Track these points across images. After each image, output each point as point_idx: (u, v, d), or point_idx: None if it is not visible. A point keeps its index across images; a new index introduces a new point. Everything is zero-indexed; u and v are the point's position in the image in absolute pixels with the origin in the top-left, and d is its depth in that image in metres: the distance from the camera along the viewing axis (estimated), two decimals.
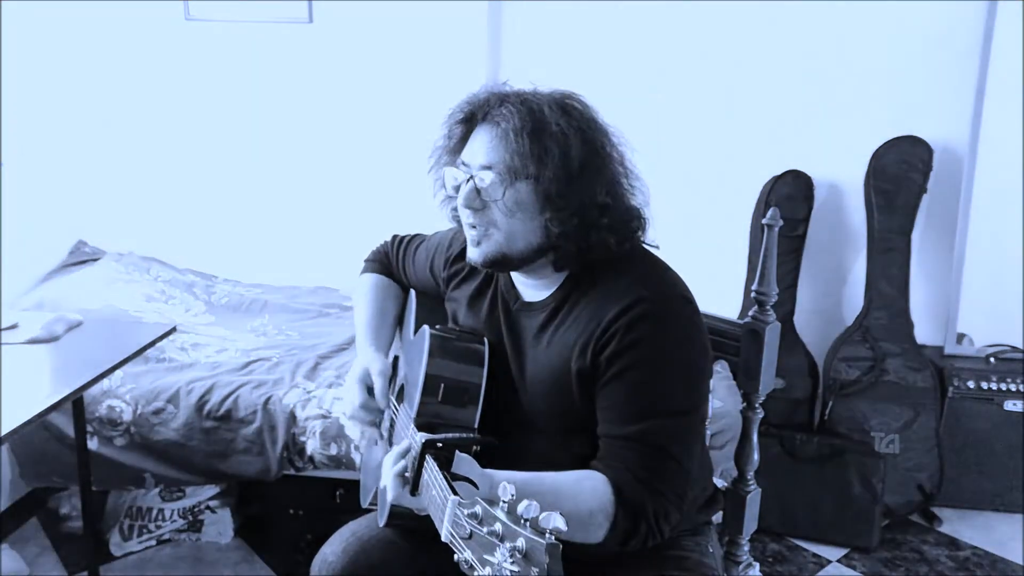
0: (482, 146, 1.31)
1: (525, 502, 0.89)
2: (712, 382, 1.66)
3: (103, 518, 2.61)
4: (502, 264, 1.36)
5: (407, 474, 1.16)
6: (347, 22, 3.08)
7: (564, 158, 1.26)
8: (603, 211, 1.30)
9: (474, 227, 1.34)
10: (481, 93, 1.35)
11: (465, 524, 0.93)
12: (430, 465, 1.10)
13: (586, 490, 1.23)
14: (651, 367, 1.27)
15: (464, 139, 1.35)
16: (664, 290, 1.33)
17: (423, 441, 1.12)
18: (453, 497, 0.97)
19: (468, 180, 1.31)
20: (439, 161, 1.40)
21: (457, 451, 1.13)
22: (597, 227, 1.30)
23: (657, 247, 1.40)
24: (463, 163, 1.34)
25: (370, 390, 1.51)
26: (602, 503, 1.23)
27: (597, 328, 1.29)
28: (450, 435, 1.15)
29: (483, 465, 1.19)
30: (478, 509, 0.93)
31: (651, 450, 1.25)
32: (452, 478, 1.07)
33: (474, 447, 1.22)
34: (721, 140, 2.99)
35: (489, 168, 1.29)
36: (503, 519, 0.90)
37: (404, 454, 1.19)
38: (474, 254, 1.36)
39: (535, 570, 0.86)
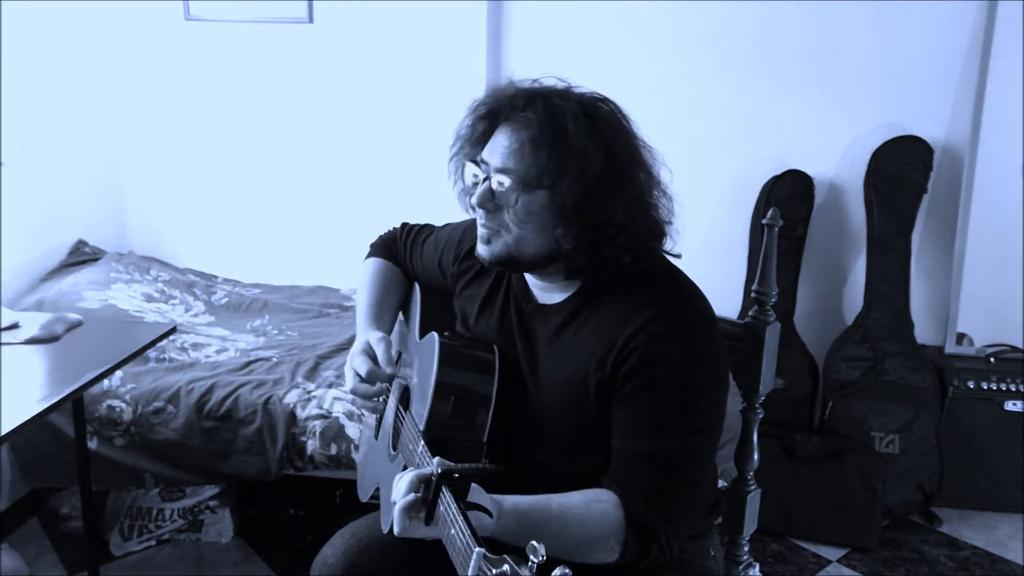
0: (501, 148, 1.26)
1: (558, 570, 0.86)
2: None
3: (103, 518, 2.61)
4: (509, 264, 1.33)
5: (421, 504, 1.10)
6: (347, 22, 3.08)
7: (582, 173, 1.21)
8: (619, 230, 1.25)
9: (485, 226, 1.31)
10: (507, 89, 1.29)
11: None
12: (446, 496, 1.07)
13: (596, 514, 1.20)
14: (670, 385, 1.24)
15: (487, 134, 1.30)
16: (685, 305, 1.30)
17: (439, 472, 1.08)
18: (478, 549, 0.94)
19: (485, 180, 1.28)
20: (461, 151, 1.35)
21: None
22: (612, 245, 1.26)
23: (679, 256, 1.37)
24: (483, 160, 1.30)
25: (374, 361, 1.45)
26: (612, 527, 1.20)
27: (617, 341, 1.25)
28: (467, 466, 1.10)
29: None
30: (507, 568, 0.90)
31: (664, 470, 1.23)
32: (467, 507, 1.05)
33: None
34: (721, 140, 2.99)
35: (505, 172, 1.25)
36: None
37: (416, 485, 1.11)
38: (482, 251, 1.33)
39: None
